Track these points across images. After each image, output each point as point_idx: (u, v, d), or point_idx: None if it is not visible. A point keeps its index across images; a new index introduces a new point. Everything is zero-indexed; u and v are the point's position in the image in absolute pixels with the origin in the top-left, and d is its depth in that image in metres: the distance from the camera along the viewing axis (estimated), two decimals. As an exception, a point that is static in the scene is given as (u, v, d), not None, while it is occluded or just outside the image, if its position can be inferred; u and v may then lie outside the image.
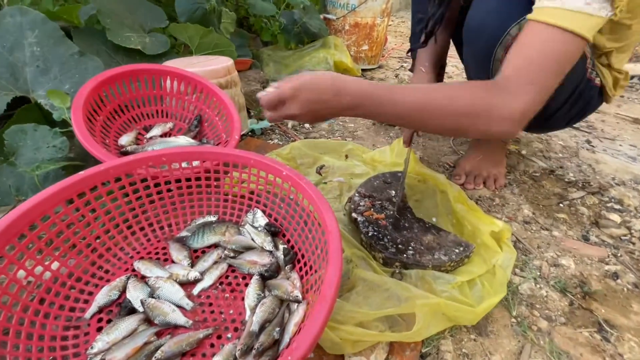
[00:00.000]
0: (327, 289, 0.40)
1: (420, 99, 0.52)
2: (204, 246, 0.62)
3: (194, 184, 0.66)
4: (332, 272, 0.42)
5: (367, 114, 0.54)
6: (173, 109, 0.92)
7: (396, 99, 0.52)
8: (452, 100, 0.51)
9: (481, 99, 0.50)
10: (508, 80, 0.50)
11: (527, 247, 0.71)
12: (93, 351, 0.43)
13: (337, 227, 0.48)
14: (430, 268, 0.60)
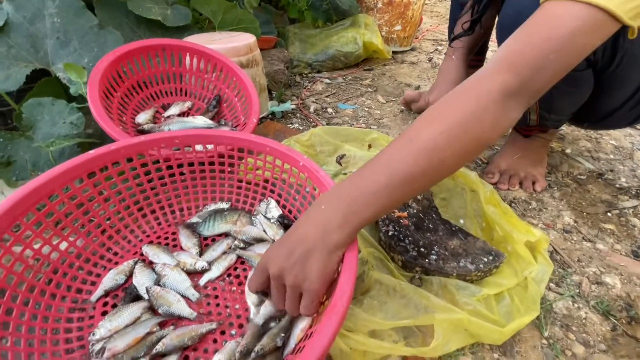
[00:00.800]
0: (338, 299, 0.36)
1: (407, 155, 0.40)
2: (214, 234, 0.59)
3: (207, 169, 0.63)
4: (344, 280, 0.38)
5: (365, 207, 0.39)
6: (192, 87, 0.89)
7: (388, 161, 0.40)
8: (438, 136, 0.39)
9: (489, 122, 0.41)
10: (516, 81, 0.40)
11: (566, 259, 0.63)
12: (95, 338, 0.42)
13: (354, 228, 0.44)
14: (454, 276, 0.54)
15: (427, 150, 0.39)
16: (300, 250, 0.38)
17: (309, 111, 1.10)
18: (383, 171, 0.40)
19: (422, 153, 0.39)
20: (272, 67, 1.18)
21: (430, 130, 0.39)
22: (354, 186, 0.40)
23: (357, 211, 0.39)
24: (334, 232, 0.38)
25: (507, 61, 0.40)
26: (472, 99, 0.40)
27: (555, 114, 0.68)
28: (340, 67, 1.47)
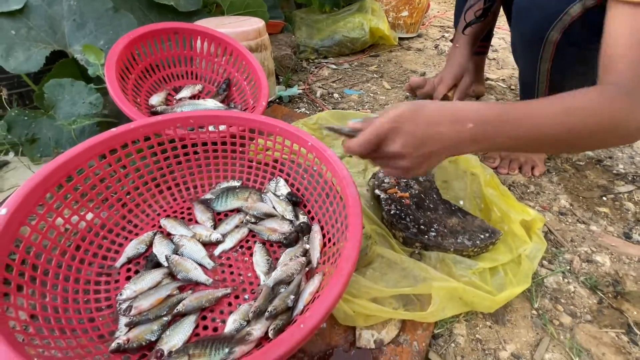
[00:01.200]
0: (344, 262, 0.40)
1: (561, 118, 0.42)
2: (226, 210, 0.63)
3: (219, 148, 0.66)
4: (350, 247, 0.42)
5: (495, 144, 0.43)
6: (202, 70, 0.92)
7: (535, 121, 0.42)
8: (590, 117, 0.42)
9: (618, 110, 0.42)
10: (631, 82, 0.43)
11: (560, 239, 0.67)
12: (122, 297, 0.47)
13: (359, 202, 0.47)
14: (452, 252, 0.58)
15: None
16: (429, 148, 0.41)
17: (315, 96, 1.12)
18: (525, 121, 0.42)
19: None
20: (279, 51, 1.20)
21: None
22: (498, 120, 0.42)
23: (489, 138, 0.42)
24: (464, 147, 0.42)
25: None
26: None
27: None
28: (346, 52, 1.48)
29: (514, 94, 1.22)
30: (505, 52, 1.62)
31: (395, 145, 0.40)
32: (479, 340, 0.51)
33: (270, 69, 1.02)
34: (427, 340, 0.49)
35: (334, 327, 0.50)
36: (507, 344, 0.50)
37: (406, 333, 0.50)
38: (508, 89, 1.25)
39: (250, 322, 0.45)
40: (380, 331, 0.49)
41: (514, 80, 1.33)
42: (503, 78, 1.34)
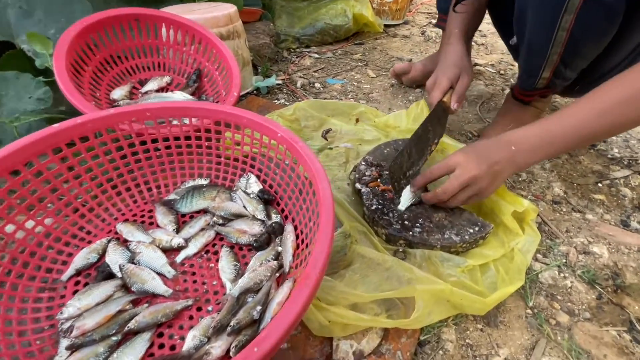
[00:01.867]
0: (311, 269, 0.34)
1: (623, 93, 0.48)
2: (192, 211, 0.57)
3: (183, 144, 0.60)
4: (318, 250, 0.36)
5: (564, 144, 0.52)
6: (171, 61, 0.85)
7: (595, 102, 0.50)
8: None
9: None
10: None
11: (554, 230, 0.62)
12: (63, 317, 0.41)
13: (331, 199, 0.42)
14: (439, 248, 0.53)
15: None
16: (494, 169, 0.51)
17: (295, 86, 1.06)
18: (566, 123, 0.51)
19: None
20: (257, 40, 1.13)
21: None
22: (539, 132, 0.52)
23: (540, 149, 0.52)
24: (522, 161, 0.53)
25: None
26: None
27: (572, 66, 0.64)
28: (329, 41, 1.41)
29: (503, 79, 1.17)
30: (494, 37, 1.57)
31: (468, 175, 0.51)
32: (470, 345, 0.46)
33: (246, 58, 0.96)
34: (412, 348, 0.45)
35: (308, 338, 0.45)
36: (500, 348, 0.46)
37: (389, 342, 0.45)
38: (497, 74, 1.20)
39: (210, 338, 0.39)
40: (360, 341, 0.44)
41: (503, 65, 1.28)
42: (492, 63, 1.29)
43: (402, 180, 0.61)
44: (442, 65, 0.77)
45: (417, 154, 0.64)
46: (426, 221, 0.56)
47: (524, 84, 0.73)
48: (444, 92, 0.73)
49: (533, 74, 0.68)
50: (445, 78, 0.73)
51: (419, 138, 0.64)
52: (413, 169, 0.63)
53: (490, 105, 1.00)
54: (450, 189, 0.52)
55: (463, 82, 0.74)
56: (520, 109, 0.80)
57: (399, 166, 0.60)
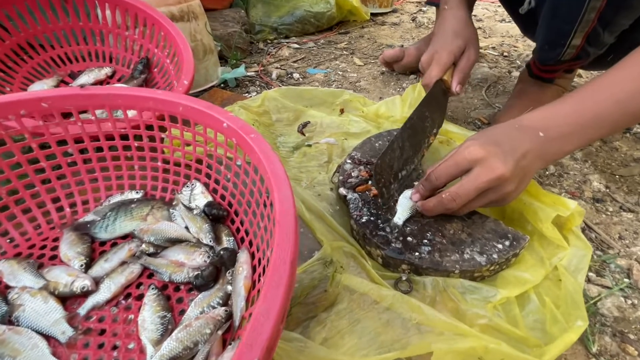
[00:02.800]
0: (253, 334, 0.19)
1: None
2: (114, 237, 0.42)
3: (105, 146, 0.45)
4: (268, 298, 0.21)
5: (606, 125, 0.40)
6: (111, 49, 0.70)
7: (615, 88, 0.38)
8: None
9: None
10: None
11: (604, 237, 0.47)
12: None
13: (292, 214, 0.27)
14: (457, 274, 0.38)
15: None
16: (522, 164, 0.37)
17: (270, 78, 0.91)
18: (608, 97, 0.38)
19: None
20: (225, 29, 0.99)
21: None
22: (573, 111, 0.40)
23: (575, 134, 0.39)
24: (553, 152, 0.40)
25: None
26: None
27: (614, 27, 0.50)
28: (311, 31, 1.27)
29: (508, 61, 1.04)
30: (491, 20, 1.44)
31: (494, 173, 0.36)
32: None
33: (208, 46, 0.81)
34: None
35: None
36: None
37: None
38: (501, 56, 1.07)
39: None
40: None
41: (505, 47, 1.15)
42: (493, 46, 1.16)
43: (392, 184, 0.45)
44: (440, 36, 0.61)
45: (411, 148, 0.48)
46: (437, 235, 0.41)
47: (545, 57, 0.58)
48: (444, 70, 0.57)
49: (559, 42, 0.53)
50: (445, 51, 0.57)
51: (413, 128, 0.48)
52: (407, 168, 0.48)
53: (498, 89, 0.86)
54: (463, 194, 0.37)
55: (469, 57, 0.58)
56: (539, 89, 0.66)
57: (388, 165, 0.44)
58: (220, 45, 0.94)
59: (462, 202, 0.38)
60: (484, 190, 0.37)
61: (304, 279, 0.36)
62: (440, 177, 0.39)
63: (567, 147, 0.40)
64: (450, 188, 0.38)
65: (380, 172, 0.42)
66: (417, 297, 0.37)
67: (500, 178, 0.36)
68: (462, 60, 0.58)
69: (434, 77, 0.56)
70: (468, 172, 0.38)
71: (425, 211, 0.41)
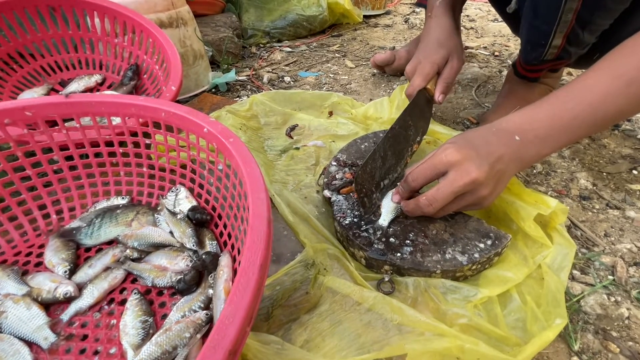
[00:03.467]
0: (216, 338, 0.19)
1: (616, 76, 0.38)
2: (100, 243, 0.42)
3: (90, 152, 0.45)
4: (237, 301, 0.21)
5: (583, 127, 0.39)
6: (101, 57, 0.71)
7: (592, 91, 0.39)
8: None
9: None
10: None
11: (590, 235, 0.47)
12: None
13: (265, 217, 0.27)
14: (439, 274, 0.38)
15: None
16: (497, 168, 0.37)
17: (261, 82, 0.91)
18: (582, 100, 0.39)
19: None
20: (216, 34, 0.99)
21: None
22: (549, 115, 0.40)
23: (550, 137, 0.39)
24: (529, 156, 0.39)
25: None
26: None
27: (592, 27, 0.50)
28: (304, 34, 1.28)
29: (499, 60, 1.04)
30: (483, 20, 1.45)
31: (468, 177, 0.36)
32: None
33: (198, 51, 0.81)
34: None
35: None
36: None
37: None
38: (491, 56, 1.07)
39: None
40: None
41: (497, 47, 1.15)
42: (484, 45, 1.16)
43: (374, 193, 0.44)
44: (424, 45, 0.60)
45: (393, 157, 0.47)
46: (419, 236, 0.41)
47: (529, 57, 0.58)
48: (427, 79, 0.55)
49: (540, 42, 0.53)
50: (429, 62, 0.56)
51: (395, 137, 0.47)
52: (389, 177, 0.47)
53: (488, 89, 0.86)
54: (440, 198, 0.37)
55: (452, 67, 0.57)
56: (526, 88, 0.66)
57: (370, 175, 0.43)
58: (211, 51, 0.95)
59: (438, 206, 0.38)
60: (460, 193, 0.37)
61: (285, 282, 0.37)
62: (417, 179, 0.39)
63: (543, 151, 0.40)
64: (428, 192, 0.38)
65: (361, 182, 0.42)
66: (399, 297, 0.38)
67: (474, 182, 0.36)
68: (446, 69, 0.57)
69: (416, 87, 0.54)
70: (444, 176, 0.38)
71: (406, 212, 0.41)
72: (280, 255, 0.39)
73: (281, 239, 0.41)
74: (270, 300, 0.35)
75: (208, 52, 0.93)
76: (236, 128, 0.58)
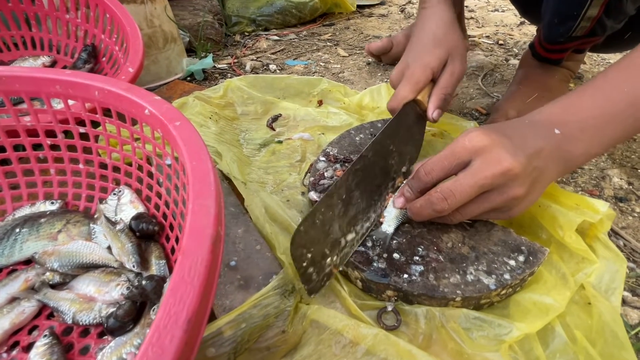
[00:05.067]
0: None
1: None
2: (13, 262, 0.32)
3: (6, 144, 0.35)
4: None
5: (619, 131, 0.31)
6: (51, 35, 0.60)
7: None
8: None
9: None
10: None
11: (635, 245, 0.39)
12: None
13: (208, 240, 0.17)
14: (459, 302, 0.29)
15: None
16: (535, 164, 0.29)
17: (243, 70, 0.82)
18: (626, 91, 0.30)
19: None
20: (194, 18, 0.89)
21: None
22: (597, 102, 0.31)
23: (601, 130, 0.31)
24: (576, 154, 0.31)
25: None
26: None
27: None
28: (293, 22, 1.18)
29: (504, 49, 0.96)
30: (483, 11, 1.37)
31: (500, 166, 0.27)
32: None
33: (170, 33, 0.71)
34: None
35: None
36: None
37: None
38: (496, 45, 0.99)
39: None
40: None
41: (500, 35, 1.07)
42: (487, 35, 1.08)
43: (327, 257, 0.30)
44: (415, 44, 0.45)
45: (364, 199, 0.33)
46: (431, 250, 0.32)
47: (554, 33, 0.49)
48: (417, 88, 0.41)
49: (571, 13, 0.44)
50: (420, 65, 0.42)
51: (366, 170, 0.34)
52: (355, 229, 0.32)
53: (495, 77, 0.78)
54: (459, 192, 0.28)
55: (452, 72, 0.42)
56: (545, 73, 0.57)
57: (321, 230, 0.30)
58: (188, 36, 0.85)
59: (455, 203, 0.28)
60: (486, 189, 0.28)
61: (254, 316, 0.27)
62: (431, 171, 0.30)
63: (592, 149, 0.31)
64: (444, 184, 0.29)
65: (302, 244, 0.28)
66: (406, 334, 0.28)
67: (507, 173, 0.27)
68: (444, 75, 0.42)
69: (401, 100, 0.40)
70: (466, 167, 0.29)
71: (412, 215, 0.32)
72: (249, 278, 0.30)
73: (252, 257, 0.31)
74: (233, 344, 0.26)
75: (184, 38, 0.83)
76: (205, 117, 0.48)
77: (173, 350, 0.13)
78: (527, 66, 0.59)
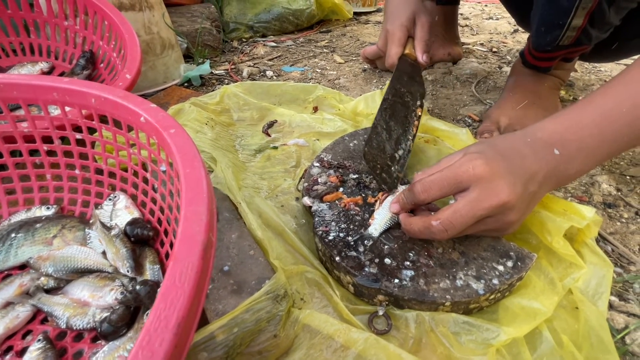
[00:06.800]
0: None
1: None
2: (9, 267, 0.32)
3: (4, 149, 0.35)
4: None
5: (613, 149, 0.33)
6: (49, 42, 0.61)
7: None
8: None
9: None
10: None
11: (622, 250, 0.39)
12: None
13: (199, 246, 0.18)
14: (448, 307, 0.29)
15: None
16: (530, 190, 0.30)
17: (240, 76, 0.83)
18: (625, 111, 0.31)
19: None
20: (192, 25, 0.90)
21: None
22: (597, 121, 0.32)
23: (598, 150, 0.32)
24: (570, 173, 0.32)
25: None
26: None
27: (617, 7, 0.42)
28: (290, 29, 1.20)
29: (498, 56, 0.97)
30: (478, 19, 1.39)
31: (497, 198, 0.29)
32: None
33: (167, 40, 0.72)
34: None
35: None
36: None
37: None
38: (489, 52, 1.00)
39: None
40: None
41: (494, 43, 1.09)
42: (481, 42, 1.10)
43: (391, 166, 0.39)
44: (388, 14, 0.56)
45: (398, 126, 0.42)
46: (421, 256, 0.32)
47: (542, 42, 0.50)
48: (401, 45, 0.52)
49: (557, 22, 0.46)
50: (397, 27, 0.53)
51: (392, 107, 0.44)
52: (402, 147, 0.40)
53: (489, 85, 0.79)
54: (458, 223, 0.29)
55: (422, 24, 0.53)
56: (535, 80, 0.58)
57: (379, 149, 0.40)
58: (185, 42, 0.86)
59: (455, 233, 0.30)
60: (483, 218, 0.29)
61: (247, 320, 0.28)
62: (428, 191, 0.31)
63: (586, 167, 0.33)
64: (443, 214, 0.29)
65: (371, 159, 0.39)
66: (397, 338, 0.29)
67: (504, 205, 0.29)
68: (417, 29, 0.53)
69: (395, 55, 0.51)
70: (464, 192, 0.29)
71: (407, 231, 0.33)
72: (242, 283, 0.30)
73: (245, 262, 0.32)
74: (225, 348, 0.26)
75: (182, 44, 0.84)
76: (201, 123, 0.49)
77: (163, 353, 0.13)
78: (517, 74, 0.61)
